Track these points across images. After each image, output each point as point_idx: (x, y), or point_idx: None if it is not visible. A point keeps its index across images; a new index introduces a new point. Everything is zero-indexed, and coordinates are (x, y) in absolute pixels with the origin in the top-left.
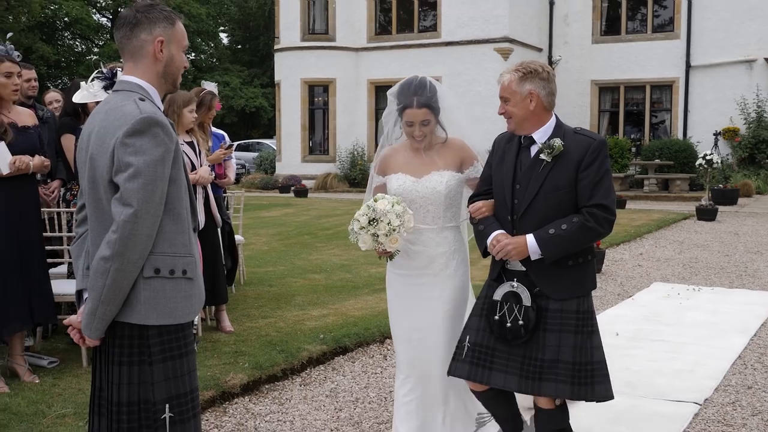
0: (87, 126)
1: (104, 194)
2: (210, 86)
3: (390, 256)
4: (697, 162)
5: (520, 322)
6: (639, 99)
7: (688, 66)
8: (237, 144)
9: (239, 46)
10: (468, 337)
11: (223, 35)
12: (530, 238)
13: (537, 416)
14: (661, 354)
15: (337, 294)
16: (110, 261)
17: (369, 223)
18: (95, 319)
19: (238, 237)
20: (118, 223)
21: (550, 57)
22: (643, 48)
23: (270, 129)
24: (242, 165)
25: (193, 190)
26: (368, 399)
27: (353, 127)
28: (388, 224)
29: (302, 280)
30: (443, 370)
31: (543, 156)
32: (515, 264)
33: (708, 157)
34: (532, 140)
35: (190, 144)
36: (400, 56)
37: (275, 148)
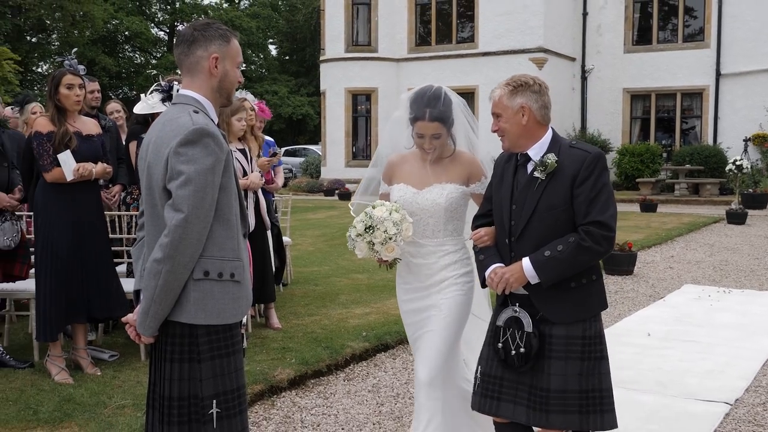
0: (147, 136)
1: (159, 200)
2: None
3: (389, 265)
4: (727, 167)
5: (522, 350)
6: (670, 106)
7: (718, 74)
8: (284, 150)
9: (287, 57)
10: (479, 368)
11: (272, 47)
12: (526, 262)
13: None
14: (692, 354)
15: (379, 293)
16: (162, 263)
17: (365, 231)
18: (148, 318)
19: (286, 238)
20: (170, 228)
21: (584, 66)
22: (674, 57)
23: (316, 135)
24: (289, 169)
25: (244, 195)
26: (409, 394)
27: None
28: (385, 232)
29: (346, 280)
30: (428, 378)
31: (537, 173)
32: (518, 287)
33: (738, 163)
34: (528, 157)
35: (242, 151)
36: (439, 66)
37: (320, 154)
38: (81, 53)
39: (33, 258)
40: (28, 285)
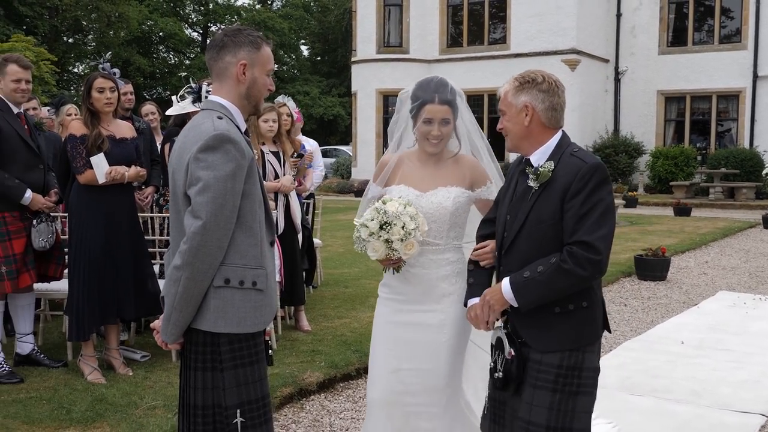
0: (176, 141)
1: (182, 206)
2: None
3: (397, 268)
4: (764, 171)
5: (499, 374)
6: (705, 109)
7: (756, 76)
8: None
9: (318, 58)
10: (488, 390)
11: (304, 48)
12: (505, 283)
13: None
14: (727, 363)
15: None
16: (181, 270)
17: (381, 228)
18: (170, 325)
19: (316, 240)
20: (188, 235)
21: (617, 68)
22: (710, 58)
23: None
24: (325, 175)
25: (275, 198)
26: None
27: None
28: (403, 228)
29: (375, 282)
30: (441, 408)
31: (530, 182)
32: (499, 310)
33: None
34: (530, 163)
35: (276, 154)
36: (471, 67)
37: (351, 155)
38: (116, 53)
39: (67, 259)
40: (63, 285)
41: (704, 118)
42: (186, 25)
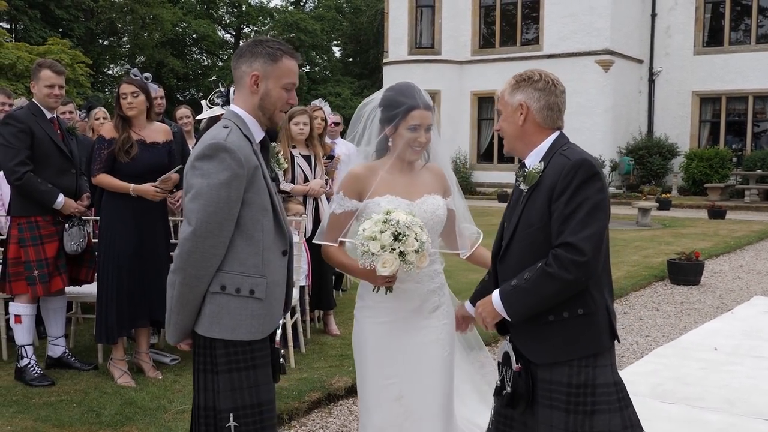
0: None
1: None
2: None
3: (390, 287)
4: None
5: (507, 390)
6: (741, 110)
7: None
8: None
9: (350, 59)
10: (494, 405)
11: (336, 49)
12: (495, 294)
13: None
14: (762, 371)
15: None
16: (175, 274)
17: (395, 239)
18: (170, 326)
19: None
20: (180, 240)
21: (651, 68)
22: (747, 59)
23: None
24: None
25: (303, 201)
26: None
27: (456, 136)
28: (416, 238)
29: None
30: (441, 424)
31: (521, 185)
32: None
33: None
34: (525, 166)
35: (306, 157)
36: (503, 69)
37: None
38: (150, 55)
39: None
40: (94, 288)
41: (740, 119)
42: (219, 27)
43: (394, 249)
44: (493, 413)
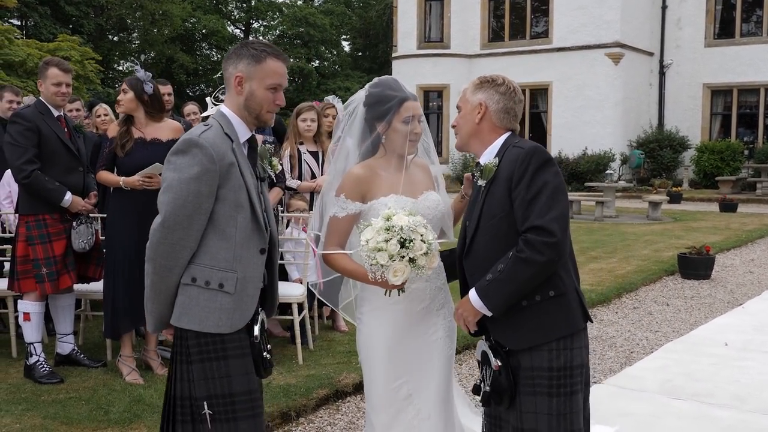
0: None
1: None
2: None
3: (402, 288)
4: None
5: (487, 389)
6: (753, 102)
7: None
8: None
9: (359, 54)
10: (484, 408)
11: (345, 43)
12: (471, 292)
13: None
14: None
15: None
16: (148, 263)
17: (402, 247)
18: (147, 314)
19: None
20: (150, 231)
21: (662, 61)
22: (758, 51)
23: None
24: None
25: (311, 198)
26: (476, 401)
27: None
28: (422, 240)
29: None
30: (443, 420)
31: (479, 181)
32: (474, 321)
33: None
34: (479, 165)
35: (314, 153)
36: (512, 62)
37: None
38: (160, 51)
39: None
40: (102, 286)
41: (752, 112)
42: (228, 22)
43: (403, 257)
44: (484, 416)
